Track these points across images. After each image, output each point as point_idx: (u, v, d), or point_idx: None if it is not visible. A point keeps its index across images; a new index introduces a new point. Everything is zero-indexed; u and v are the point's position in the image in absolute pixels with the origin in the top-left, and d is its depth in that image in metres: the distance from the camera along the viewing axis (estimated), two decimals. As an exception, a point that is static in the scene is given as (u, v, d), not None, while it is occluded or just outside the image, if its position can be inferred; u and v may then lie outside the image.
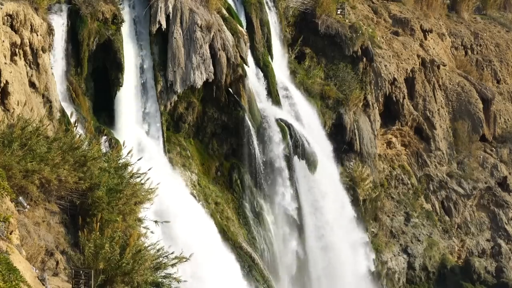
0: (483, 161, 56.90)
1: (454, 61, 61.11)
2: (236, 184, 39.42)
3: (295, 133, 41.05)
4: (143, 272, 19.72)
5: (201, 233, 33.75)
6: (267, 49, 43.55)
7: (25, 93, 27.58)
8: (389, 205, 50.95)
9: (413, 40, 56.22)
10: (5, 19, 27.85)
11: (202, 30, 37.52)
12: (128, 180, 22.74)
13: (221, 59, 38.00)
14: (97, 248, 19.35)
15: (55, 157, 20.99)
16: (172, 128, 37.94)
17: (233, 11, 41.55)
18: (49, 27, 31.13)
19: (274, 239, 39.88)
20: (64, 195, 21.59)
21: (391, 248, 49.36)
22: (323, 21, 47.91)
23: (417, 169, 53.81)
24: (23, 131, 21.42)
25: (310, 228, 41.84)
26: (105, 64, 35.06)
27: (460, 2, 65.26)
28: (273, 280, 38.45)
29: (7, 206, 17.90)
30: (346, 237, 43.47)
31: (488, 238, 54.78)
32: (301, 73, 47.08)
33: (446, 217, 53.72)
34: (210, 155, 39.51)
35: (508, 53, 64.81)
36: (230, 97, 39.02)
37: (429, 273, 50.59)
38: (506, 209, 55.63)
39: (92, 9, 33.58)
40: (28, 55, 29.10)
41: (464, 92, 57.73)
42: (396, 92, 52.04)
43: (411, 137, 53.82)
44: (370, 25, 54.04)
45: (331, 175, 44.20)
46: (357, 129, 47.26)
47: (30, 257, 18.46)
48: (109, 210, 21.25)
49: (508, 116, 61.21)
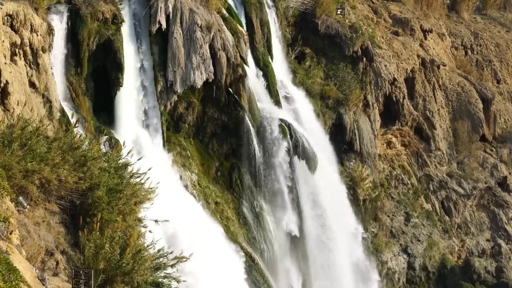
0: (483, 161, 56.90)
1: (454, 61, 61.11)
2: (236, 184, 39.42)
3: (295, 133, 41.04)
4: (143, 272, 19.72)
5: (202, 233, 33.75)
6: (267, 49, 43.55)
7: (25, 93, 27.58)
8: (389, 205, 50.94)
9: (413, 40, 56.22)
10: (5, 19, 27.85)
11: (202, 30, 37.52)
12: (128, 180, 22.73)
13: (221, 59, 38.01)
14: (97, 248, 19.35)
15: (55, 157, 20.98)
16: (172, 128, 37.94)
17: (233, 11, 41.55)
18: (49, 27, 31.13)
19: (274, 239, 39.89)
20: (64, 195, 21.58)
21: (391, 248, 49.36)
22: (323, 21, 47.91)
23: (417, 169, 53.80)
24: (23, 131, 21.41)
25: (310, 228, 41.84)
26: (105, 64, 35.06)
27: (460, 2, 65.25)
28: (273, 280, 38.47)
29: (7, 206, 17.90)
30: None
31: (488, 238, 54.78)
32: (301, 73, 47.09)
33: (446, 217, 53.72)
34: (210, 155, 39.52)
35: (508, 53, 64.81)
36: (230, 97, 39.03)
37: (429, 273, 50.59)
38: (506, 209, 55.63)
39: (92, 9, 33.58)
40: (28, 55, 29.10)
41: (464, 92, 57.73)
42: (396, 92, 52.04)
43: (411, 137, 53.82)
44: (370, 25, 54.04)
45: (331, 175, 44.18)
46: (357, 129, 47.26)
47: (30, 257, 18.46)
48: (109, 210, 21.24)
49: (508, 116, 61.21)
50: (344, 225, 43.68)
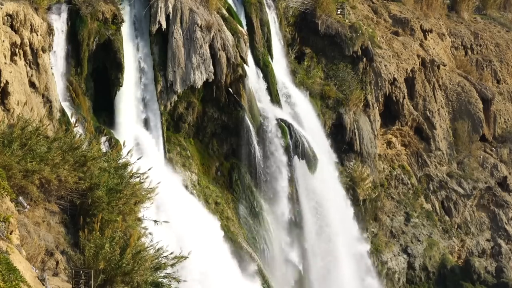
0: (483, 161, 56.90)
1: (454, 61, 61.10)
2: (236, 184, 39.43)
3: (295, 133, 41.05)
4: (143, 272, 19.71)
5: (203, 233, 33.75)
6: (267, 49, 43.56)
7: (25, 93, 27.59)
8: (389, 205, 50.94)
9: (413, 40, 56.22)
10: (5, 19, 27.86)
11: (202, 30, 37.53)
12: (128, 180, 22.72)
13: (221, 59, 38.01)
14: (97, 248, 19.32)
15: (55, 157, 20.97)
16: (172, 128, 37.95)
17: (233, 11, 41.55)
18: (49, 27, 31.16)
19: (274, 239, 39.89)
20: (64, 195, 21.57)
21: (391, 248, 49.36)
22: (323, 21, 47.92)
23: (417, 169, 53.80)
24: (23, 131, 21.40)
25: (310, 228, 41.86)
26: (105, 64, 35.07)
27: (460, 2, 65.25)
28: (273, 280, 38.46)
29: (7, 206, 17.89)
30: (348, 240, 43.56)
31: (488, 238, 54.77)
32: (301, 73, 47.10)
33: (446, 217, 53.72)
34: (210, 155, 39.52)
35: (508, 53, 64.80)
36: (230, 97, 39.03)
37: (429, 273, 50.58)
38: (506, 209, 55.63)
39: (92, 9, 33.59)
40: (28, 55, 29.11)
41: (464, 92, 57.72)
42: (396, 92, 52.03)
43: (411, 137, 53.81)
44: (370, 25, 54.04)
45: (331, 175, 44.19)
46: (357, 129, 47.27)
47: (30, 257, 18.45)
48: (109, 210, 21.22)
49: (508, 116, 61.22)
50: (344, 225, 43.71)
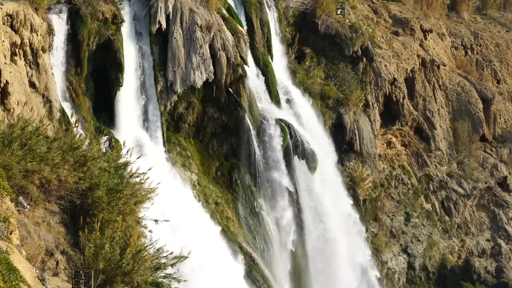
0: (483, 161, 56.90)
1: (454, 61, 61.11)
2: (236, 184, 39.42)
3: (295, 133, 41.05)
4: (143, 272, 19.70)
5: (203, 233, 33.76)
6: (267, 49, 43.56)
7: (25, 93, 27.59)
8: (389, 205, 50.94)
9: (413, 40, 56.22)
10: (5, 19, 27.86)
11: (202, 30, 37.52)
12: (128, 180, 22.72)
13: (221, 59, 38.01)
14: (97, 248, 19.32)
15: (55, 157, 20.97)
16: (172, 128, 37.94)
17: (233, 11, 41.55)
18: (49, 27, 31.15)
19: (273, 239, 39.89)
20: (64, 195, 21.58)
21: (391, 248, 49.36)
22: (323, 21, 47.92)
23: (417, 169, 53.80)
24: (23, 131, 21.40)
25: (310, 228, 41.85)
26: (105, 64, 35.07)
27: (460, 2, 65.26)
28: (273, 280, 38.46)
29: (7, 206, 17.89)
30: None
31: (488, 238, 54.78)
32: (301, 73, 47.09)
33: (446, 217, 53.72)
34: (210, 155, 39.52)
35: (508, 53, 64.81)
36: (230, 97, 39.03)
37: (429, 273, 50.59)
38: (506, 209, 55.63)
39: (92, 9, 33.59)
40: (28, 55, 29.10)
41: (464, 92, 57.73)
42: (396, 92, 52.04)
43: (411, 137, 53.81)
44: (370, 25, 54.04)
45: (331, 175, 44.18)
46: (357, 129, 47.26)
47: (30, 257, 18.45)
48: (109, 210, 21.23)
49: (508, 116, 61.22)
50: (345, 225, 43.71)
